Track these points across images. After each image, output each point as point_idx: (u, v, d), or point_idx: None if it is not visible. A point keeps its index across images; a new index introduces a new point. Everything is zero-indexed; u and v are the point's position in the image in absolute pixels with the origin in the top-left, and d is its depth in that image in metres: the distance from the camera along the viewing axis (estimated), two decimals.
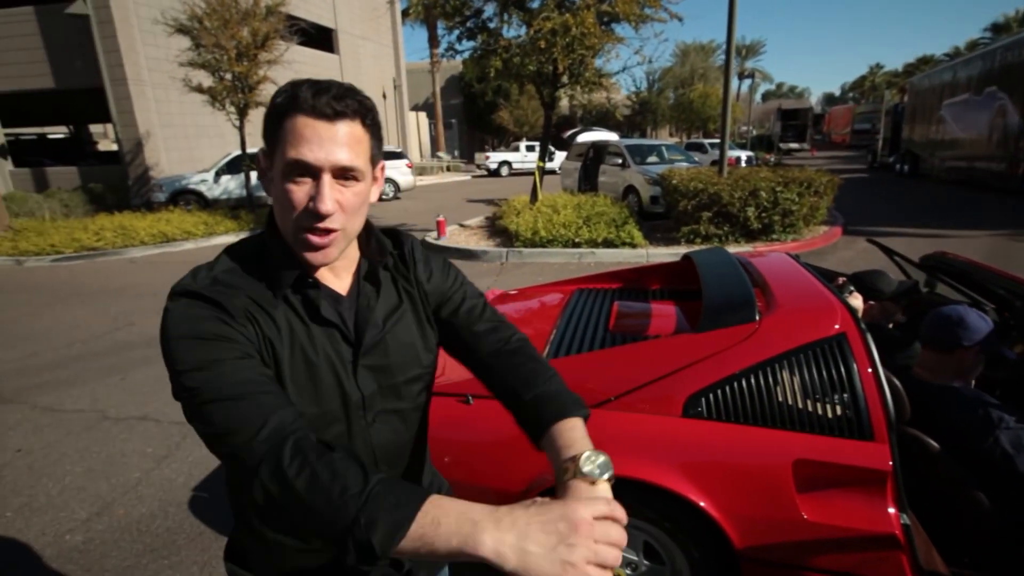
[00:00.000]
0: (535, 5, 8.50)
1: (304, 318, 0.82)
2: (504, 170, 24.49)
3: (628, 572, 1.77)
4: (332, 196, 0.75)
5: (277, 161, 0.76)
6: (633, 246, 7.78)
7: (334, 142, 0.74)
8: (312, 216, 0.75)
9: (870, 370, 1.60)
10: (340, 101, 0.74)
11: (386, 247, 0.92)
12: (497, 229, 9.48)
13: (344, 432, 0.86)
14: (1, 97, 14.77)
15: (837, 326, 1.68)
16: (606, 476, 0.71)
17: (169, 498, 2.79)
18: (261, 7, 10.94)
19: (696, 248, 7.70)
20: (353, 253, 0.89)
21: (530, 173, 22.87)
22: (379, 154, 0.84)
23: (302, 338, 0.81)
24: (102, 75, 13.36)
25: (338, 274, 0.88)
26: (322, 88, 0.74)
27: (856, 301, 2.08)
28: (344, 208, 0.77)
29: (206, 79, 11.13)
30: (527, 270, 7.30)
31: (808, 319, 1.73)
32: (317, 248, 0.78)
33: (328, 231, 0.77)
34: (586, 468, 0.71)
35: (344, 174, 0.76)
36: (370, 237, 0.91)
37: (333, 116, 0.74)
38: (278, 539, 0.88)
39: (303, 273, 0.81)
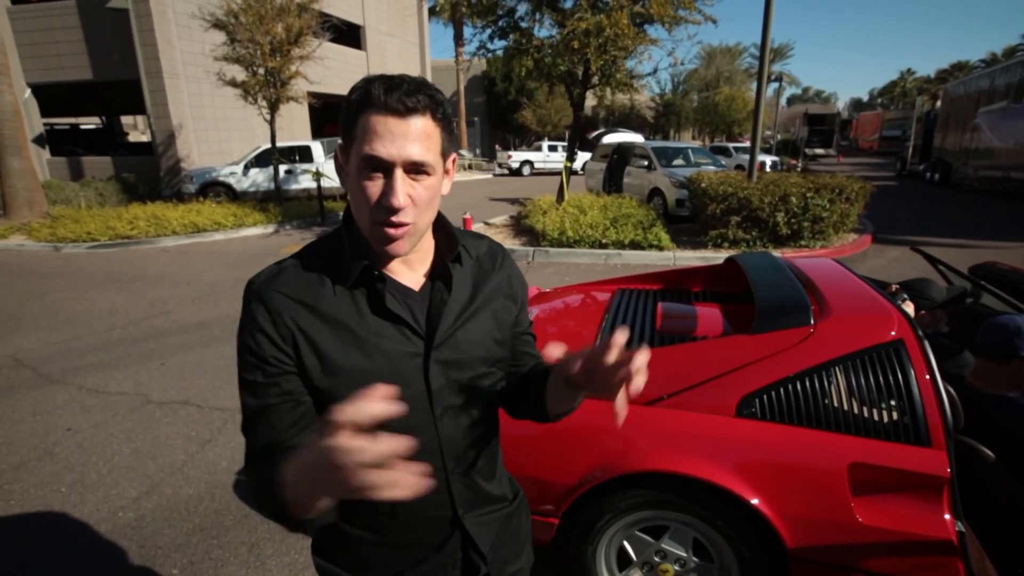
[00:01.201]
0: (568, 5, 8.51)
1: (367, 310, 0.84)
2: (526, 169, 24.51)
3: (677, 568, 1.79)
4: (404, 191, 0.78)
5: (353, 157, 0.79)
6: (660, 249, 7.75)
7: (405, 138, 0.76)
8: (385, 210, 0.78)
9: (928, 377, 1.60)
10: (411, 97, 0.76)
11: (456, 242, 0.93)
12: (522, 228, 9.51)
13: (409, 424, 0.85)
14: (42, 88, 15.22)
15: (894, 332, 1.68)
16: None
17: (215, 480, 2.88)
18: (295, 3, 11.11)
19: (723, 252, 7.68)
20: (427, 247, 0.92)
21: (552, 173, 22.94)
22: (450, 147, 0.85)
23: (361, 331, 0.83)
24: (139, 68, 13.69)
25: (412, 267, 0.90)
26: (394, 84, 0.76)
27: (909, 308, 2.07)
28: (416, 202, 0.80)
29: (239, 73, 11.34)
30: (553, 270, 7.33)
31: (865, 325, 1.73)
32: (391, 240, 0.81)
33: (400, 224, 0.79)
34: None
35: (416, 168, 0.78)
36: (441, 232, 0.93)
37: (405, 112, 0.76)
38: (356, 534, 0.92)
39: (369, 266, 0.84)
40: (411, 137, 0.77)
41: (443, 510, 0.94)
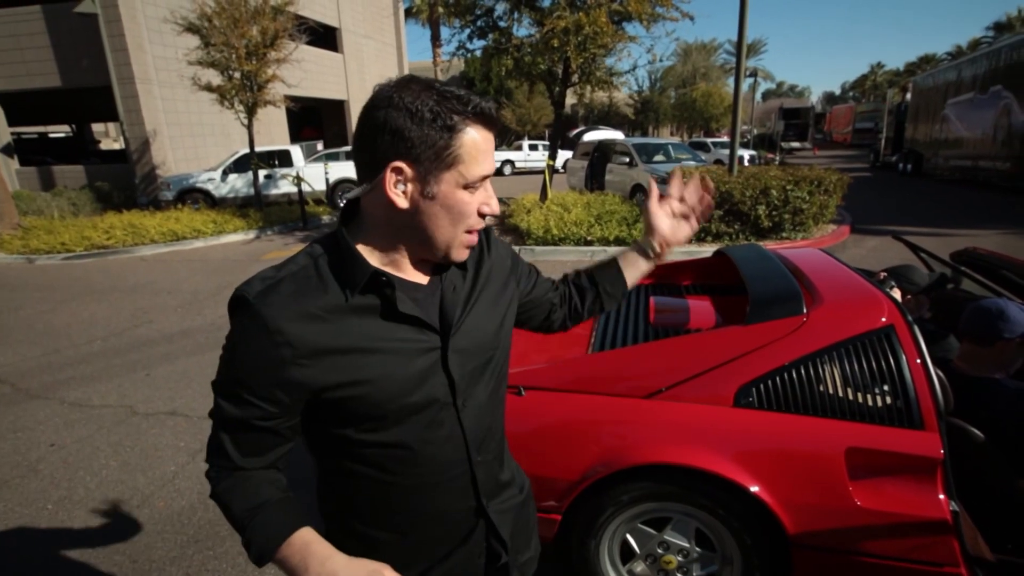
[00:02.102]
0: (546, 4, 8.54)
1: (378, 316, 0.82)
2: (507, 169, 24.50)
3: (680, 559, 1.81)
4: None
5: (449, 175, 0.77)
6: None
7: (494, 150, 0.82)
8: (480, 219, 0.82)
9: (919, 361, 1.64)
10: (495, 110, 0.80)
11: None
12: (507, 227, 9.52)
13: (435, 420, 0.87)
14: (8, 96, 14.80)
15: (884, 319, 1.72)
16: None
17: (207, 491, 2.80)
18: (269, 6, 10.96)
19: (706, 246, 7.77)
20: None
21: (532, 172, 22.96)
22: None
23: (373, 337, 0.81)
24: (109, 74, 13.35)
25: (423, 263, 0.90)
26: (478, 97, 0.77)
27: (897, 295, 2.12)
28: None
29: (215, 78, 11.16)
30: (539, 268, 7.33)
31: (856, 312, 1.77)
32: (472, 244, 0.85)
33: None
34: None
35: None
36: None
37: (494, 124, 0.81)
38: (381, 536, 0.91)
39: (377, 271, 0.81)
40: (493, 148, 0.82)
41: (468, 501, 0.95)
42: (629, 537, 1.85)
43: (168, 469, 3.04)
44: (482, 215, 0.80)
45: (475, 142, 0.77)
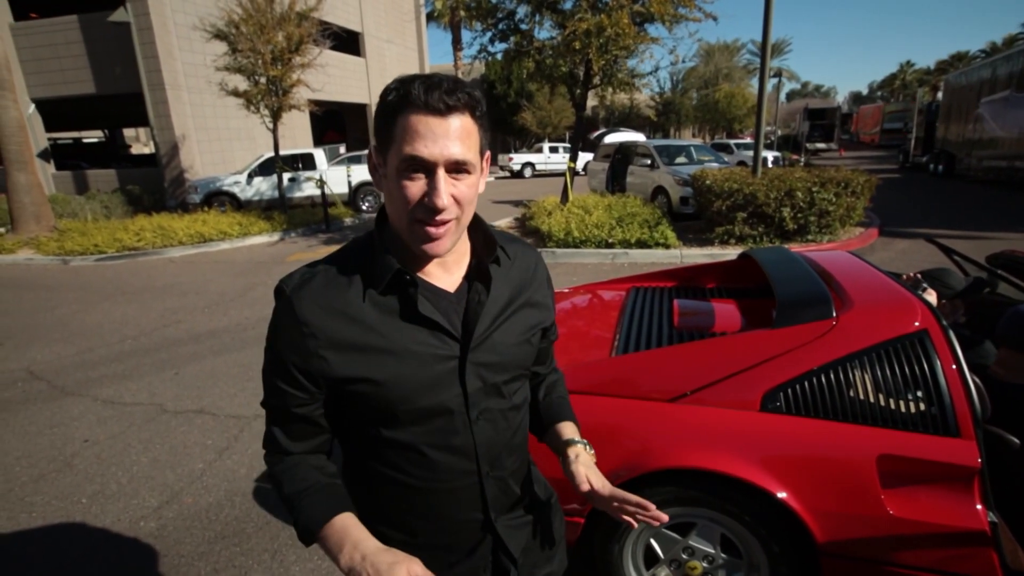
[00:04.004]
0: (568, 6, 8.53)
1: (399, 315, 0.83)
2: (528, 171, 24.52)
3: (705, 565, 1.79)
4: (447, 190, 0.77)
5: (391, 158, 0.78)
6: (667, 247, 7.75)
7: (447, 137, 0.75)
8: (428, 210, 0.77)
9: (954, 366, 1.60)
10: (451, 95, 0.75)
11: (494, 243, 0.92)
12: (528, 230, 9.51)
13: (445, 427, 0.87)
14: (47, 103, 15.32)
15: (918, 323, 1.67)
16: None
17: (234, 488, 2.89)
18: (294, 12, 11.16)
19: (730, 249, 7.66)
20: (464, 248, 0.90)
21: (553, 174, 22.93)
22: (486, 145, 0.85)
23: (393, 336, 0.82)
24: (141, 80, 13.77)
25: (448, 270, 0.89)
26: (433, 84, 0.75)
27: (931, 298, 2.07)
28: (459, 201, 0.79)
29: (241, 83, 11.39)
30: (560, 270, 7.32)
31: (888, 316, 1.73)
32: (431, 239, 0.80)
33: (443, 222, 0.79)
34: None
35: (457, 167, 0.78)
36: (478, 233, 0.92)
37: (445, 111, 0.75)
38: (389, 534, 0.91)
39: (400, 270, 0.82)
40: (452, 136, 0.76)
41: (475, 513, 0.94)
42: (653, 542, 1.84)
43: (196, 466, 3.10)
44: (429, 208, 0.77)
45: (410, 122, 0.75)
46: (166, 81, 13.96)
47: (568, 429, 1.07)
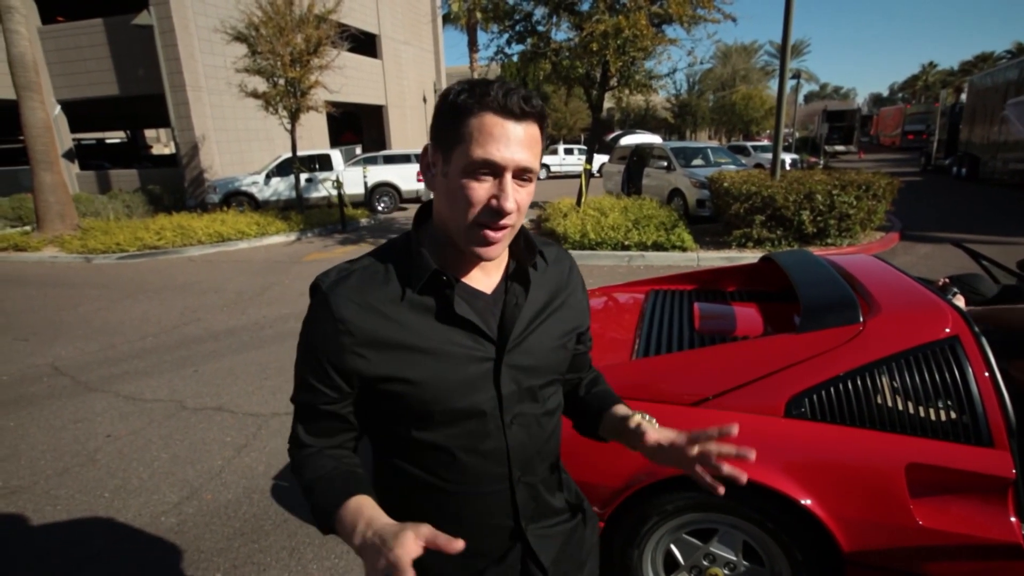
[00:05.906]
0: (585, 8, 8.51)
1: (435, 316, 0.83)
2: (542, 173, 24.50)
3: (726, 572, 1.76)
4: (513, 195, 0.77)
5: (456, 157, 0.77)
6: (683, 249, 7.69)
7: (520, 142, 0.75)
8: (493, 213, 0.77)
9: (987, 374, 1.56)
10: (527, 102, 0.75)
11: (535, 246, 0.92)
12: (543, 232, 9.50)
13: (477, 430, 0.86)
14: (72, 104, 15.65)
15: (948, 329, 1.64)
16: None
17: (252, 485, 2.91)
18: (313, 15, 11.28)
19: (747, 252, 7.58)
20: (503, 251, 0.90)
21: (568, 176, 22.88)
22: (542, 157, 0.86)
23: (429, 336, 0.82)
24: (163, 82, 14.00)
25: (487, 271, 0.88)
26: (511, 88, 0.75)
27: (960, 303, 2.02)
28: (520, 207, 0.79)
29: (261, 85, 11.54)
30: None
31: (917, 321, 1.69)
32: (490, 243, 0.79)
33: (503, 227, 0.78)
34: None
35: (522, 174, 0.77)
36: (519, 237, 0.91)
37: (521, 116, 0.75)
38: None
39: (438, 271, 0.82)
40: (524, 142, 0.76)
41: (505, 520, 0.93)
42: (673, 547, 1.81)
43: (215, 463, 3.14)
44: (496, 211, 0.76)
45: (483, 124, 0.74)
46: (187, 83, 14.19)
47: (622, 409, 1.05)
